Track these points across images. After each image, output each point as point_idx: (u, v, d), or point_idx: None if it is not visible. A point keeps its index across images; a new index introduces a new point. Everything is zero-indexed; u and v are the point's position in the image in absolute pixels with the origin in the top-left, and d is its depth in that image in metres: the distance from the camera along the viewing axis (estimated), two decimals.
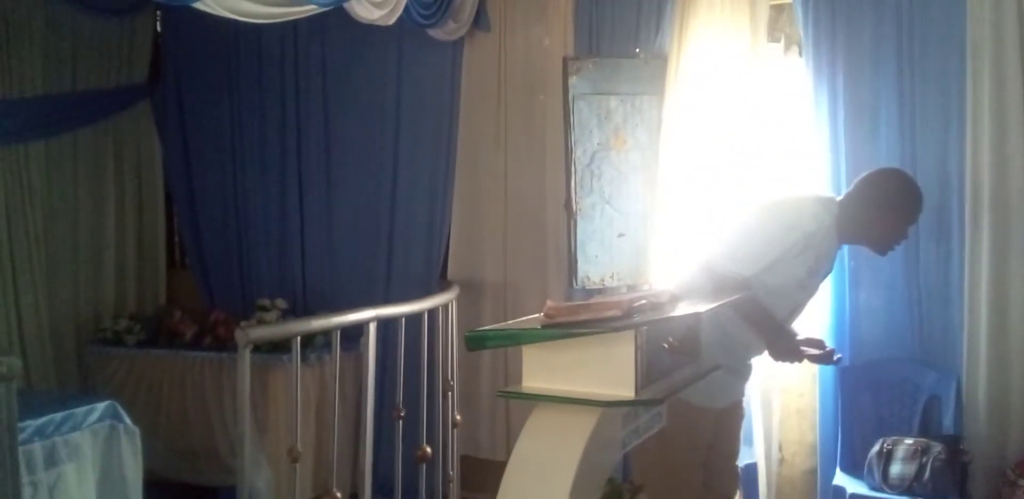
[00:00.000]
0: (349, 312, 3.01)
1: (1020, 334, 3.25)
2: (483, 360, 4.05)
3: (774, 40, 3.74)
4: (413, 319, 3.31)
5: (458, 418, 3.66)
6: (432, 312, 3.43)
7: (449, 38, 3.98)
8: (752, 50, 3.64)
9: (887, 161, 3.34)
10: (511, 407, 3.99)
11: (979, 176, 3.27)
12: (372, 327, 3.03)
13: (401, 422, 3.23)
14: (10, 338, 3.99)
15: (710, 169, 3.69)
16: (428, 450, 3.34)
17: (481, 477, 3.73)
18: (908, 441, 3.24)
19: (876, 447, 3.27)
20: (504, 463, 1.79)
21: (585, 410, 1.72)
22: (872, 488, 3.24)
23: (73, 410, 2.91)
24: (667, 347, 1.89)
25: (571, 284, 3.88)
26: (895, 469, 3.18)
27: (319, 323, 2.99)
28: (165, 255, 4.83)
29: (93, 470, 2.97)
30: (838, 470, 3.44)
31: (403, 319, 3.23)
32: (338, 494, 2.79)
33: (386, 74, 4.26)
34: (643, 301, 1.85)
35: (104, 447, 3.01)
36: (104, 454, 3.01)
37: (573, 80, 3.82)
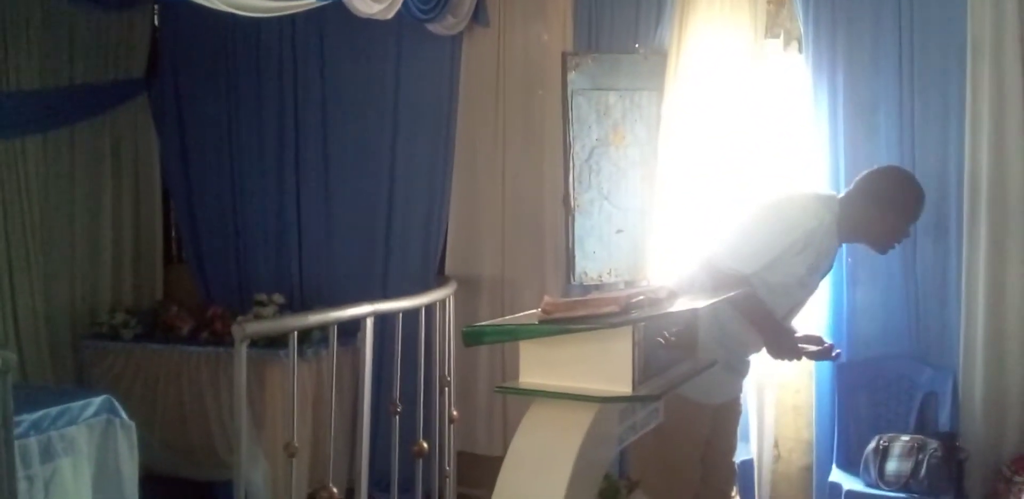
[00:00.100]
0: (346, 307, 3.00)
1: (1016, 332, 3.26)
2: (480, 355, 4.05)
3: (774, 36, 3.74)
4: (410, 314, 3.31)
5: (455, 413, 3.66)
6: (429, 307, 3.42)
7: (448, 33, 3.97)
8: (752, 46, 3.64)
9: (886, 158, 3.34)
10: (508, 403, 3.99)
11: (977, 173, 3.27)
12: (369, 322, 3.03)
13: (398, 417, 3.23)
14: (6, 332, 3.98)
15: (709, 165, 3.69)
16: (425, 445, 3.34)
17: (478, 473, 3.72)
18: (904, 438, 3.24)
19: (872, 444, 3.28)
20: (501, 459, 1.79)
21: (582, 406, 1.72)
22: (868, 485, 3.25)
23: (69, 404, 2.90)
24: (664, 343, 1.89)
25: (569, 280, 3.88)
26: (891, 466, 3.19)
27: (316, 318, 2.99)
28: (162, 249, 4.82)
29: (89, 464, 2.96)
30: (834, 467, 3.44)
31: (400, 314, 3.23)
32: (334, 489, 2.79)
33: (384, 69, 4.25)
34: (641, 297, 1.84)
35: (100, 442, 3.00)
36: (100, 449, 3.01)
37: (572, 75, 3.81)
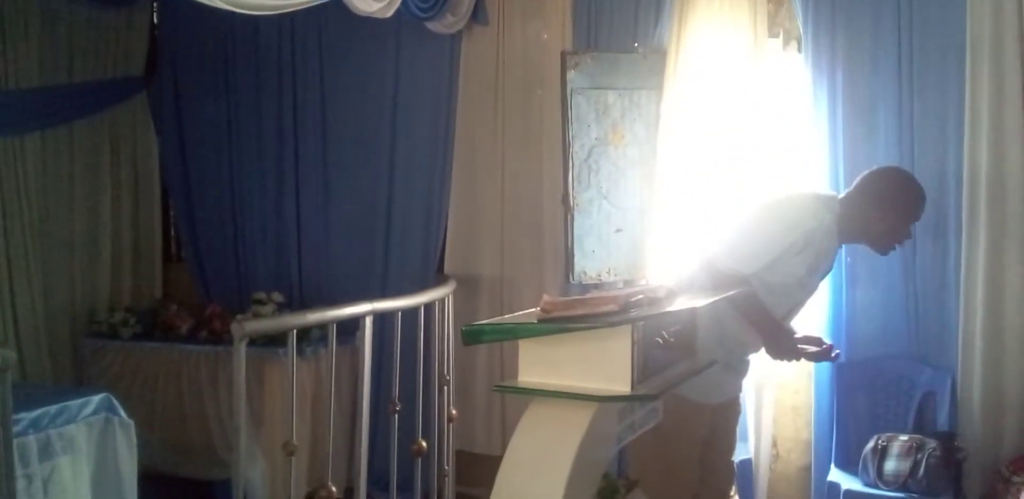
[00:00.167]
0: (345, 306, 3.00)
1: (1015, 332, 3.25)
2: (479, 354, 4.05)
3: (773, 35, 3.73)
4: (409, 313, 3.30)
5: (454, 413, 3.66)
6: (428, 306, 3.42)
7: (447, 31, 3.97)
8: (751, 45, 3.63)
9: (885, 158, 3.34)
10: (507, 402, 3.99)
11: (976, 173, 3.27)
12: (368, 321, 3.03)
13: (397, 416, 3.23)
14: (5, 330, 3.98)
15: (708, 165, 3.69)
16: (424, 444, 3.34)
17: (476, 472, 3.72)
18: (903, 438, 3.24)
19: (871, 443, 3.27)
20: (500, 458, 1.79)
21: (581, 405, 1.72)
22: (867, 484, 3.25)
23: (68, 403, 2.89)
24: (661, 343, 1.89)
25: (568, 279, 3.88)
26: (890, 465, 3.19)
27: (315, 317, 2.99)
28: (161, 248, 4.82)
29: (88, 463, 2.95)
30: (833, 466, 3.44)
31: (399, 313, 3.23)
32: (333, 488, 2.79)
33: (384, 67, 4.24)
34: (640, 296, 1.84)
35: (99, 440, 3.00)
36: (99, 447, 3.00)
37: (571, 74, 3.81)
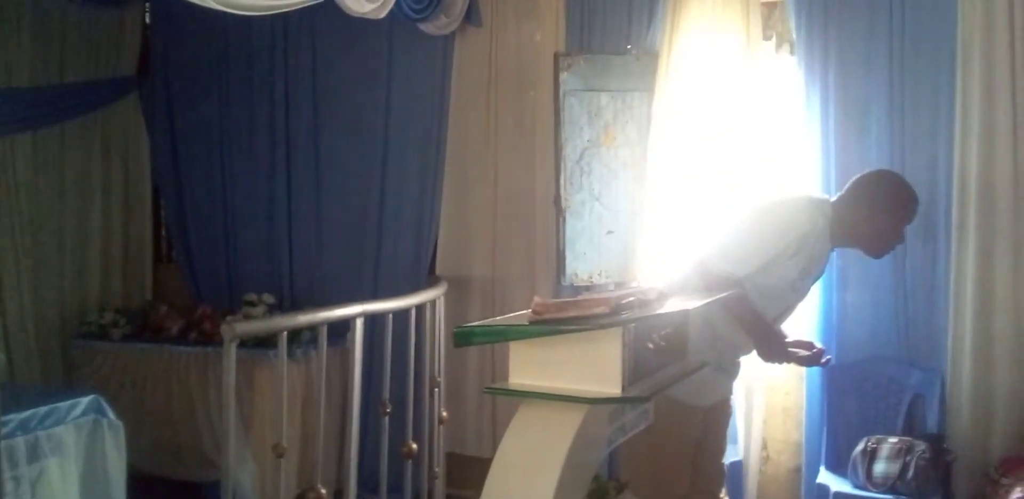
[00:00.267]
0: (336, 307, 3.00)
1: (1004, 334, 3.27)
2: (470, 356, 4.04)
3: (765, 38, 3.74)
4: (400, 315, 3.30)
5: (444, 414, 3.66)
6: (420, 308, 3.42)
7: (440, 32, 3.97)
8: (744, 48, 3.64)
9: (876, 160, 3.35)
10: (498, 404, 3.99)
11: (966, 176, 3.28)
12: (359, 323, 3.02)
13: (387, 418, 3.23)
14: None
15: (700, 167, 3.69)
16: (414, 446, 3.33)
17: (467, 474, 3.72)
18: (892, 440, 3.25)
19: (860, 446, 3.28)
20: (490, 460, 1.78)
21: (571, 407, 1.71)
22: (856, 486, 3.26)
23: (57, 404, 2.88)
24: (652, 347, 1.89)
25: (559, 281, 3.88)
26: (879, 467, 3.20)
27: (306, 318, 2.98)
28: (152, 249, 4.80)
29: (76, 465, 2.94)
30: (822, 468, 3.45)
31: (390, 315, 3.23)
32: (323, 490, 2.78)
33: (376, 68, 4.24)
34: (631, 298, 1.84)
35: (88, 442, 2.99)
36: (88, 449, 2.99)
37: (564, 76, 3.81)
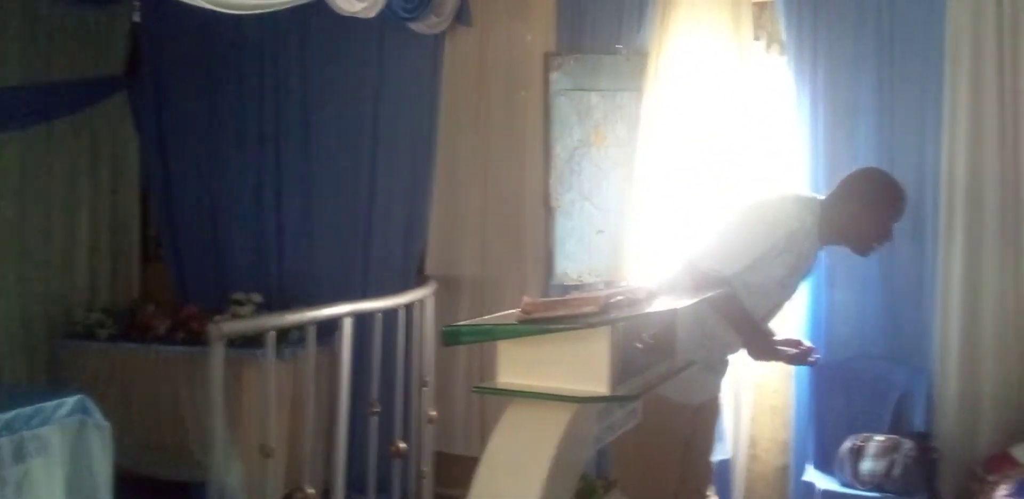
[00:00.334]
0: (324, 307, 2.99)
1: (991, 333, 3.29)
2: (459, 356, 4.04)
3: (756, 38, 3.75)
4: (389, 314, 3.30)
5: (433, 414, 3.66)
6: (408, 307, 3.42)
7: (431, 32, 3.96)
8: (734, 48, 3.65)
9: (864, 160, 3.36)
10: (486, 403, 3.98)
11: (954, 176, 3.31)
12: (347, 322, 3.02)
13: (375, 418, 3.22)
14: None
15: (689, 167, 3.70)
16: (402, 446, 3.33)
17: (455, 473, 3.72)
18: (879, 438, 3.27)
19: (847, 444, 3.30)
20: (478, 459, 1.78)
21: (560, 406, 1.71)
22: (843, 484, 3.27)
23: (42, 404, 2.85)
24: (640, 346, 1.89)
25: (549, 280, 3.88)
26: (866, 465, 3.21)
27: (293, 318, 2.98)
28: (139, 248, 4.77)
29: (62, 465, 2.91)
30: (809, 466, 3.46)
31: (379, 314, 3.22)
32: (310, 490, 2.77)
33: (366, 67, 4.23)
34: (620, 297, 1.84)
35: (73, 442, 2.96)
36: (73, 449, 2.96)
37: (554, 76, 3.82)
